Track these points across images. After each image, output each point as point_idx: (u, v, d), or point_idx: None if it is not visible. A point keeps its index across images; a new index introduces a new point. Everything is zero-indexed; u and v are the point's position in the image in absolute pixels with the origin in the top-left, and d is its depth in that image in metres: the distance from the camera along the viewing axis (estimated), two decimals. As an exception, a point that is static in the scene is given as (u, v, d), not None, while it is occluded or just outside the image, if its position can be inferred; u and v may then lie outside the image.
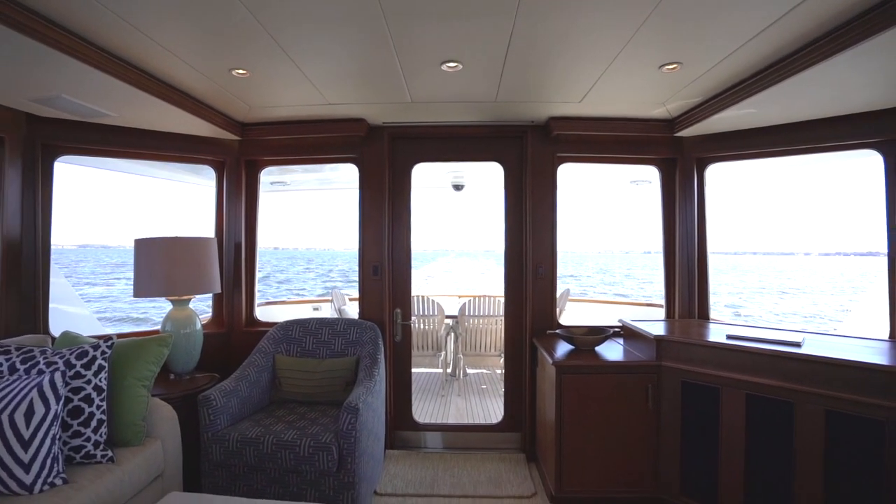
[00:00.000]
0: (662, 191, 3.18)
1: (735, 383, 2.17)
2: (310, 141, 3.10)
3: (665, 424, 2.39)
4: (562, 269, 3.34)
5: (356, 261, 3.18)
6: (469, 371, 5.45)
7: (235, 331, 3.21)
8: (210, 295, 3.13)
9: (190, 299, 2.82)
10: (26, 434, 1.68)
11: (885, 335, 2.34)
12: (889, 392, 1.77)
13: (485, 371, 5.52)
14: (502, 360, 3.58)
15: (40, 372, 1.86)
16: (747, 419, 2.13)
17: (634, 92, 2.44)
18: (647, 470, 2.42)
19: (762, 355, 2.11)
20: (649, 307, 6.13)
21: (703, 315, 3.05)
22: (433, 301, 4.83)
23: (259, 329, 3.19)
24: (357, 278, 3.22)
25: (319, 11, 1.64)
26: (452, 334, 5.04)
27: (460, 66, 2.13)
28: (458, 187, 6.09)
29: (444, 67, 2.13)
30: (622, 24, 1.73)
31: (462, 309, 4.88)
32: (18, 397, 1.71)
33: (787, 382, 2.02)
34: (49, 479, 1.71)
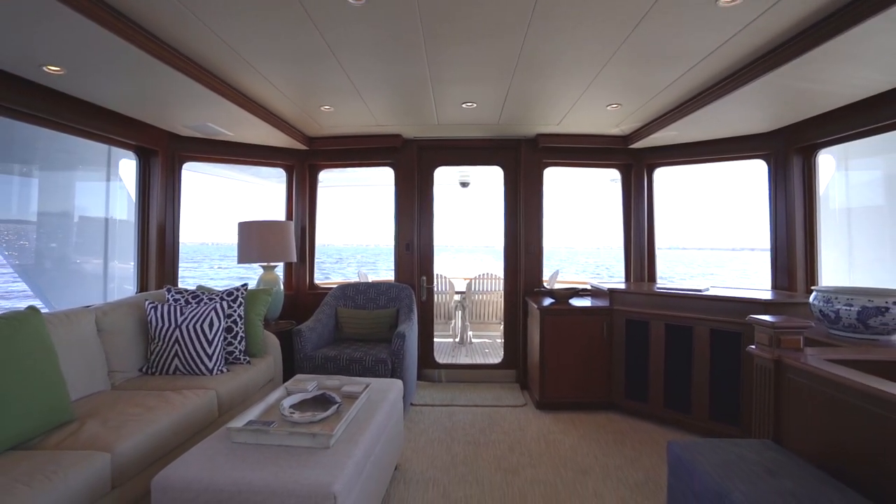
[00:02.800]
0: (623, 188, 4.23)
1: (659, 317, 3.22)
2: (358, 150, 4.14)
3: (615, 350, 3.44)
4: (558, 263, 4.37)
5: (360, 256, 4.23)
6: (474, 341, 6.49)
7: (300, 292, 4.25)
8: (282, 265, 4.17)
9: (276, 266, 3.87)
10: (209, 336, 2.73)
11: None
12: (743, 314, 2.81)
13: (486, 340, 6.56)
14: (502, 326, 4.60)
15: (206, 303, 2.90)
16: (666, 341, 3.18)
17: (595, 119, 3.48)
18: (602, 382, 3.47)
19: (675, 297, 3.16)
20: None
21: (651, 280, 4.10)
22: (446, 279, 5.88)
23: (318, 292, 4.24)
24: (363, 272, 4.25)
25: (391, 76, 2.67)
26: (461, 308, 6.09)
27: (475, 105, 3.17)
28: (464, 184, 7.14)
29: (463, 106, 3.19)
30: (579, 81, 2.76)
31: (469, 286, 5.94)
32: (203, 315, 2.76)
33: (690, 313, 3.07)
34: (219, 368, 2.76)
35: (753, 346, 2.06)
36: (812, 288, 2.52)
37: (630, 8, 1.87)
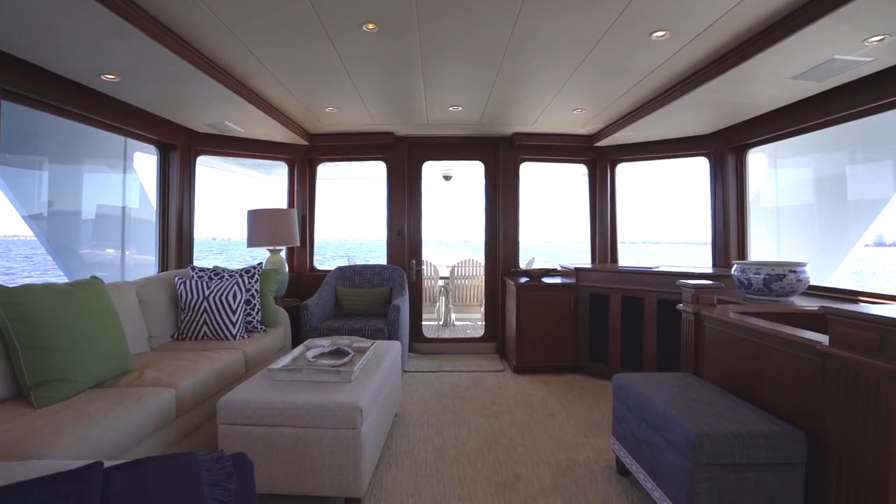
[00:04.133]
0: (589, 181, 4.79)
1: (617, 291, 3.79)
2: (353, 146, 4.58)
3: (580, 320, 4.00)
4: (535, 253, 4.92)
5: (342, 251, 4.69)
6: (457, 323, 7.01)
7: (302, 274, 4.69)
8: (284, 249, 4.59)
9: (281, 249, 4.29)
10: (234, 306, 3.16)
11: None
12: (683, 285, 3.40)
13: (468, 322, 7.09)
14: (483, 308, 5.12)
15: (227, 279, 3.32)
16: (622, 310, 3.75)
17: (563, 120, 4.02)
18: (569, 348, 4.03)
19: (630, 273, 3.74)
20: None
21: (614, 262, 4.68)
22: (431, 264, 6.37)
23: (317, 274, 4.68)
24: (353, 260, 4.72)
25: (390, 83, 3.14)
26: (445, 293, 6.60)
27: (460, 108, 3.66)
28: (447, 178, 7.63)
29: (450, 108, 3.67)
30: (549, 90, 3.27)
31: (452, 271, 6.45)
32: (227, 288, 3.18)
33: (641, 286, 3.65)
34: (241, 334, 3.20)
35: (681, 304, 2.63)
36: (733, 262, 3.11)
37: (584, 38, 2.39)
